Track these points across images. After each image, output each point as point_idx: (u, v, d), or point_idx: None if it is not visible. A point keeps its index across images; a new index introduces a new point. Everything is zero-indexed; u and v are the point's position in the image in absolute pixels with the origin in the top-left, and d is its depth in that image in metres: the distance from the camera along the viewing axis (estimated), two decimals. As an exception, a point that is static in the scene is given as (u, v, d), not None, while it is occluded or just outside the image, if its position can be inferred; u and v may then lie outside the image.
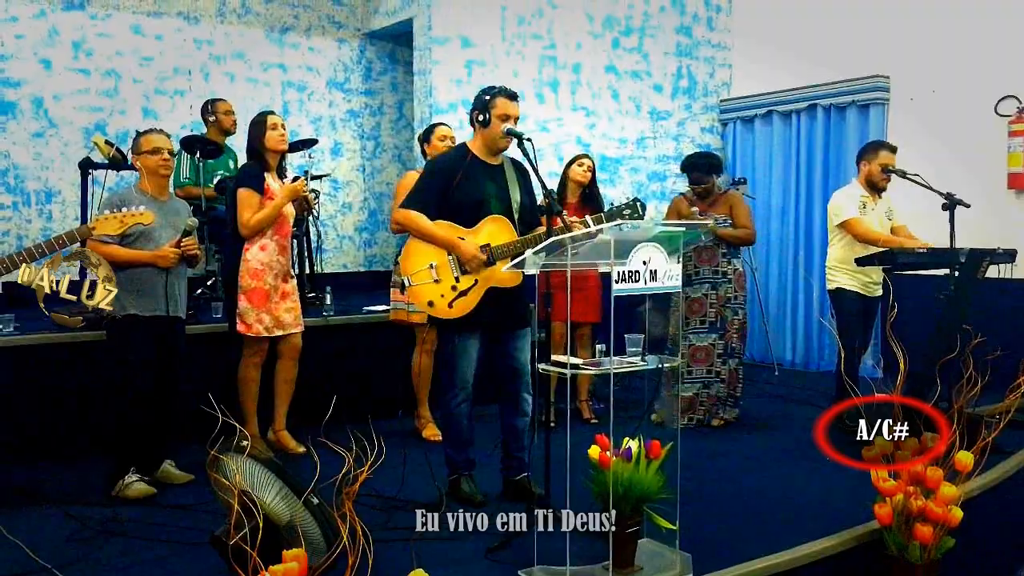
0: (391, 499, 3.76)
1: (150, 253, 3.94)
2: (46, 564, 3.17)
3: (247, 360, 4.52)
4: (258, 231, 4.45)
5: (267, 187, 4.46)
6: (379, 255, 8.21)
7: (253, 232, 4.44)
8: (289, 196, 4.46)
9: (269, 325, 4.48)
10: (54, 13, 6.62)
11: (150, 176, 4.04)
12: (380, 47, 8.15)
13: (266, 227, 4.45)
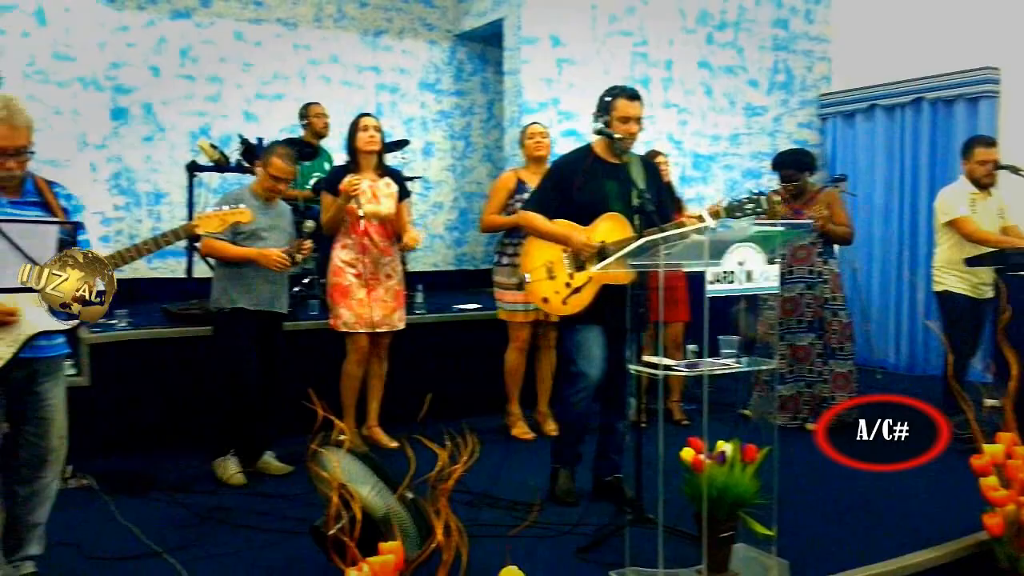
0: (484, 496, 3.79)
1: (255, 251, 4.10)
2: (156, 548, 3.33)
3: (349, 356, 4.66)
4: (331, 230, 4.59)
5: (342, 187, 4.55)
6: (469, 254, 8.29)
7: (327, 232, 4.62)
8: (343, 198, 4.51)
9: (349, 320, 4.57)
10: (162, 22, 6.91)
11: (266, 186, 4.21)
12: (471, 48, 8.22)
13: (337, 225, 4.56)
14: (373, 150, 4.64)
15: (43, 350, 2.82)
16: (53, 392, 2.89)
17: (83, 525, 3.52)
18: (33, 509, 2.92)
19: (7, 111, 2.68)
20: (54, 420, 2.89)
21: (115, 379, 4.74)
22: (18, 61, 5.40)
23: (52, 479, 2.94)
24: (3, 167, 2.70)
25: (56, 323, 2.77)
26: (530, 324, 4.95)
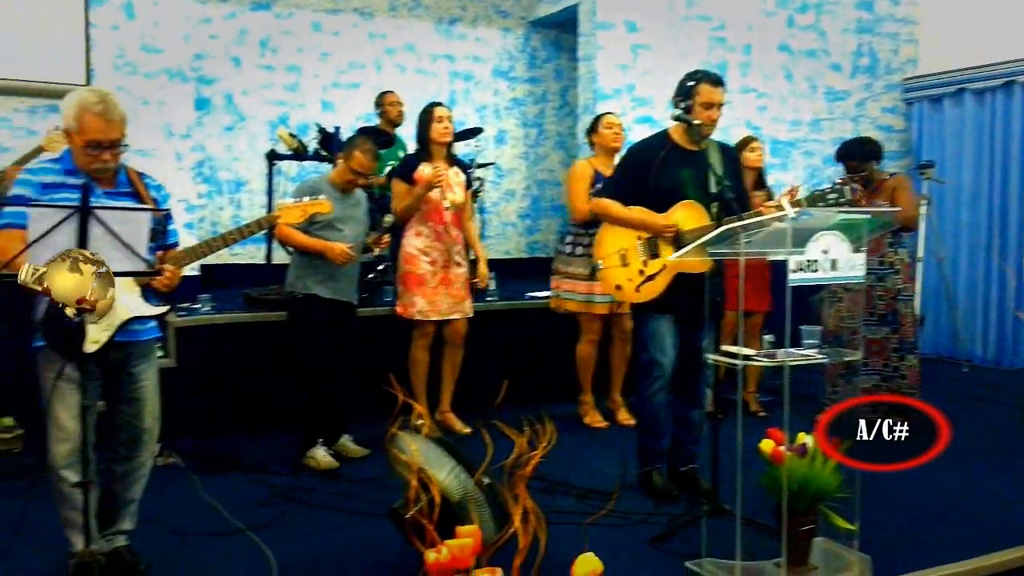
0: (558, 483, 3.80)
1: (322, 243, 4.15)
2: (241, 525, 3.43)
3: (416, 343, 4.72)
4: (405, 218, 4.62)
5: (417, 177, 4.59)
6: (541, 242, 8.28)
7: (401, 220, 4.65)
8: (425, 187, 4.55)
9: (424, 308, 4.62)
10: (243, 14, 7.06)
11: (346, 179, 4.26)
12: (544, 35, 8.19)
13: (413, 214, 4.59)
14: (446, 141, 4.68)
15: (137, 334, 2.93)
16: (146, 374, 3.00)
17: (170, 502, 3.64)
18: (129, 486, 3.04)
19: (103, 105, 2.77)
20: (148, 401, 3.00)
21: (199, 361, 4.88)
22: (108, 54, 5.58)
23: (147, 458, 3.06)
24: (99, 159, 2.79)
25: (148, 308, 2.88)
26: (601, 317, 4.92)
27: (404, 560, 2.87)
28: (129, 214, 2.53)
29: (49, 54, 5.40)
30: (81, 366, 2.64)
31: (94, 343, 2.70)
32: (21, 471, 4.14)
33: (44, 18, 5.38)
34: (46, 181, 2.80)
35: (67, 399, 2.74)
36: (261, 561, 3.12)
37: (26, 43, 5.33)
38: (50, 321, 2.71)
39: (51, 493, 2.90)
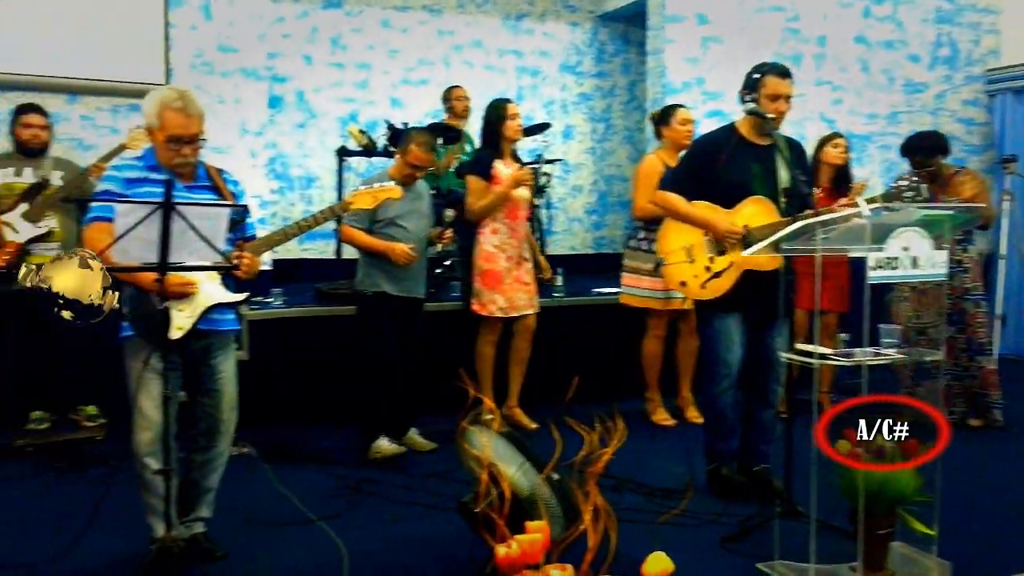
0: (625, 481, 3.77)
1: (384, 244, 4.18)
2: (311, 515, 3.50)
3: (483, 338, 4.75)
4: (483, 216, 4.61)
5: (495, 173, 4.60)
6: (608, 237, 8.23)
7: (478, 217, 4.64)
8: (512, 184, 4.55)
9: (503, 305, 4.63)
10: (315, 12, 7.17)
11: (404, 173, 4.29)
12: (612, 29, 8.13)
13: (492, 212, 4.59)
14: (519, 138, 4.71)
15: (217, 324, 3.01)
16: (225, 365, 3.09)
17: (243, 490, 3.72)
18: (207, 475, 3.13)
19: (182, 101, 2.86)
20: (226, 392, 3.09)
21: (271, 354, 4.98)
22: (186, 54, 5.74)
23: (225, 448, 3.15)
24: (179, 154, 2.88)
25: (230, 296, 2.96)
26: (668, 312, 4.87)
27: (472, 554, 2.89)
28: (208, 209, 2.60)
29: (130, 55, 5.58)
30: (164, 356, 2.72)
31: (179, 329, 2.79)
32: (103, 458, 4.29)
33: (126, 20, 5.55)
34: (130, 177, 2.90)
35: (151, 389, 2.83)
36: (332, 551, 3.17)
37: (109, 45, 5.51)
38: (137, 309, 2.81)
39: (133, 480, 3.00)
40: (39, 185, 4.65)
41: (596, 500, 2.18)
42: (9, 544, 3.26)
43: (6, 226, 4.54)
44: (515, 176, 4.55)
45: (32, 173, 4.69)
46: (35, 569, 3.05)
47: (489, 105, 4.76)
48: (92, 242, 2.72)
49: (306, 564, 3.15)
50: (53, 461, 4.30)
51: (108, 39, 5.51)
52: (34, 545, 3.24)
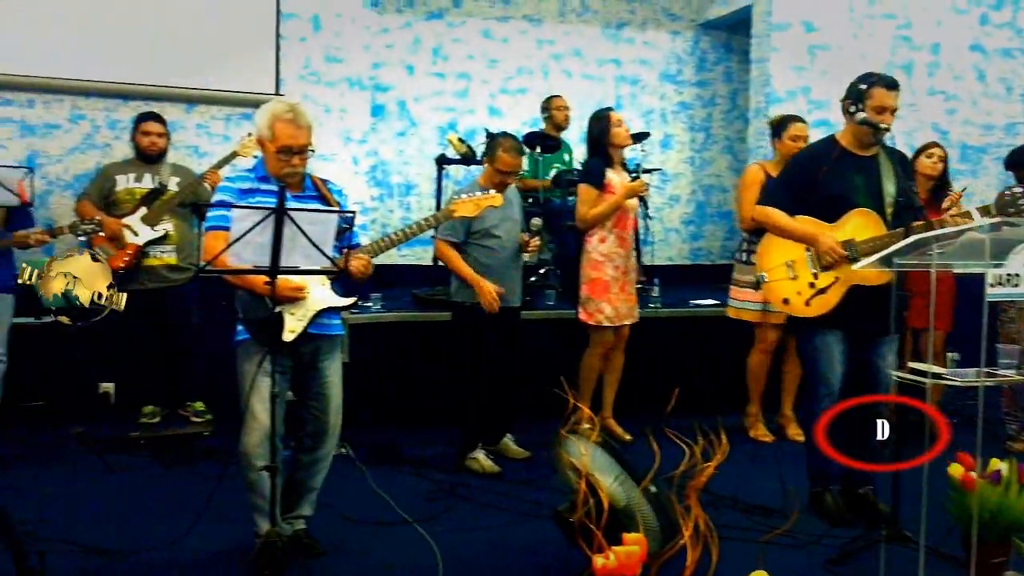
0: (723, 497, 3.70)
1: (477, 280, 4.16)
2: (407, 517, 3.55)
3: (592, 350, 4.70)
4: (594, 225, 4.60)
5: (607, 182, 4.58)
6: (706, 248, 8.11)
7: (589, 226, 4.61)
8: (627, 195, 4.53)
9: (610, 315, 4.61)
10: (418, 23, 7.32)
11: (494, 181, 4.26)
12: (715, 37, 8.02)
13: (603, 221, 4.58)
14: (627, 144, 4.68)
15: (326, 328, 3.11)
16: (332, 369, 3.18)
17: (341, 490, 3.79)
18: (312, 475, 3.22)
19: (293, 114, 2.97)
20: (332, 396, 3.18)
21: (370, 357, 5.09)
22: (296, 64, 5.93)
23: (330, 449, 3.24)
24: (289, 164, 2.98)
25: (339, 300, 3.05)
26: (777, 326, 4.76)
27: (566, 563, 2.88)
28: (318, 215, 2.68)
29: (243, 67, 5.79)
30: (276, 359, 2.81)
31: (291, 332, 2.89)
32: (210, 453, 4.47)
33: (240, 34, 5.77)
34: (242, 187, 3.02)
35: (263, 392, 2.93)
36: (427, 553, 3.21)
37: (224, 57, 5.73)
38: (250, 313, 2.92)
39: (240, 477, 3.10)
40: (157, 190, 4.88)
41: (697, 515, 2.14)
42: (126, 532, 3.42)
43: (127, 229, 4.77)
44: (631, 187, 4.52)
45: (151, 179, 4.93)
46: (150, 556, 3.19)
47: (592, 115, 4.75)
48: (209, 249, 2.85)
49: (402, 564, 3.20)
50: (163, 454, 4.49)
51: (223, 52, 5.74)
52: (148, 534, 3.39)
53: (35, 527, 3.19)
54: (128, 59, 5.50)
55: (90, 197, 4.90)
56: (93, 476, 4.14)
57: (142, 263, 4.80)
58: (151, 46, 5.56)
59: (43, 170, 5.32)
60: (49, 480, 4.03)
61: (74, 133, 5.49)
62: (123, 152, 5.35)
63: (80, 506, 3.73)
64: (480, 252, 4.25)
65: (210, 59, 5.71)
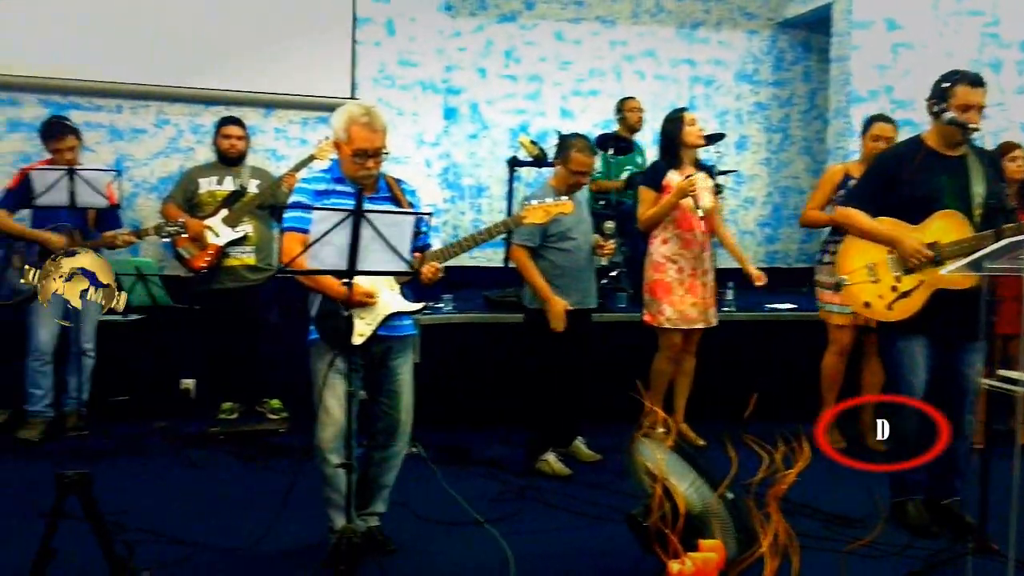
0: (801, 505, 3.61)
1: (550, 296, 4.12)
2: (478, 517, 3.56)
3: (662, 353, 4.65)
4: (651, 227, 4.55)
5: (666, 184, 4.52)
6: (782, 251, 7.95)
7: (646, 227, 4.59)
8: (678, 195, 4.45)
9: (672, 317, 4.55)
10: (490, 26, 7.35)
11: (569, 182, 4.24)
12: (793, 36, 7.86)
13: (659, 223, 4.53)
14: (700, 144, 4.60)
15: (397, 329, 3.15)
16: (403, 368, 3.22)
17: (413, 489, 3.82)
18: (384, 472, 3.26)
19: (368, 117, 3.00)
20: (404, 394, 3.21)
21: (441, 358, 5.13)
22: (371, 68, 6.02)
23: (402, 447, 3.27)
24: (364, 167, 3.02)
25: (406, 305, 3.09)
26: (853, 328, 4.63)
27: (639, 567, 2.85)
28: (395, 217, 2.70)
29: (320, 71, 5.91)
30: (348, 358, 2.86)
31: (360, 336, 2.93)
32: (286, 450, 4.56)
33: (316, 39, 5.89)
34: (318, 189, 3.08)
35: (335, 389, 2.99)
36: (498, 554, 3.21)
37: (301, 62, 5.86)
38: (322, 315, 2.98)
39: (314, 473, 3.16)
40: (237, 193, 5.01)
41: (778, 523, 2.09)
42: (206, 524, 3.52)
43: (208, 230, 4.91)
44: (680, 187, 4.46)
45: (232, 181, 5.07)
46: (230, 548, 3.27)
47: (666, 117, 4.70)
48: (287, 250, 2.91)
49: (472, 564, 3.22)
50: (241, 450, 4.60)
51: (300, 57, 5.86)
52: (228, 526, 3.48)
53: (121, 517, 3.30)
54: (210, 66, 5.67)
55: (174, 199, 5.06)
56: (175, 469, 4.27)
57: (222, 263, 4.93)
58: (232, 53, 5.73)
59: (129, 173, 5.51)
60: (134, 472, 4.17)
61: (159, 138, 5.68)
62: (205, 156, 5.51)
63: (163, 498, 3.85)
64: (556, 255, 4.22)
65: (288, 65, 5.84)
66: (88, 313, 4.74)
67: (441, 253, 3.17)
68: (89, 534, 2.62)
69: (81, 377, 4.67)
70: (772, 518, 2.11)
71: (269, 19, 5.77)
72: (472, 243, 3.32)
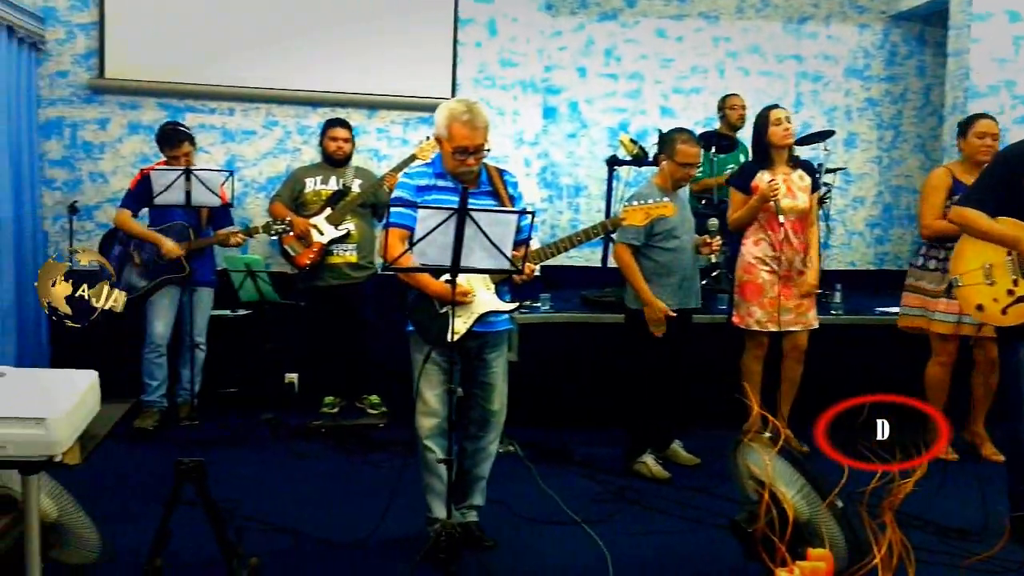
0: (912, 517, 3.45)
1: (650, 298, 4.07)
2: (575, 517, 3.55)
3: (748, 352, 4.57)
4: (738, 229, 4.49)
5: (755, 185, 4.41)
6: (892, 253, 7.63)
7: (734, 229, 4.53)
8: (760, 199, 4.32)
9: (761, 319, 4.43)
10: (591, 24, 7.30)
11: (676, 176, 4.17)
12: (907, 29, 7.53)
13: (745, 224, 4.44)
14: (787, 144, 4.45)
15: (492, 324, 3.18)
16: (497, 361, 3.24)
17: (509, 487, 3.83)
18: (478, 464, 3.29)
19: (470, 114, 3.03)
20: (497, 386, 3.23)
21: (539, 357, 5.12)
22: (471, 69, 6.07)
23: (494, 439, 3.29)
24: (465, 164, 3.05)
25: (502, 304, 3.12)
26: (957, 338, 4.41)
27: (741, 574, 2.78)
28: (499, 215, 2.71)
29: (422, 72, 5.99)
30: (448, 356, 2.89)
31: (455, 333, 2.96)
32: (385, 445, 4.64)
33: (418, 40, 5.97)
34: (420, 184, 3.12)
35: (432, 379, 3.06)
36: (595, 554, 3.20)
37: (403, 64, 5.95)
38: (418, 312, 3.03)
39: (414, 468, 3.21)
40: (341, 192, 5.13)
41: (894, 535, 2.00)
42: (310, 514, 3.61)
43: (313, 228, 5.04)
44: (761, 191, 4.33)
45: (336, 181, 5.19)
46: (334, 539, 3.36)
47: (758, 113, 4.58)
48: (389, 246, 2.96)
49: (569, 564, 3.20)
50: (342, 443, 4.70)
51: (403, 58, 5.95)
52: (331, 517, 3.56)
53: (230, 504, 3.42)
54: (317, 68, 5.82)
55: (281, 198, 5.22)
56: (280, 460, 4.40)
57: (325, 261, 5.06)
58: (337, 55, 5.86)
59: (240, 173, 5.71)
60: (242, 462, 4.31)
61: (268, 139, 5.86)
62: (311, 156, 5.67)
63: (269, 488, 3.97)
64: (661, 255, 4.15)
65: (390, 66, 5.94)
66: (201, 308, 4.95)
67: (539, 253, 3.18)
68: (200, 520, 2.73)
69: (193, 369, 4.86)
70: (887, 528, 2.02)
71: (373, 22, 5.89)
72: (570, 244, 3.32)
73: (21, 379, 2.25)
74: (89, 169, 5.65)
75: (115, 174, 5.63)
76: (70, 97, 5.60)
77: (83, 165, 5.64)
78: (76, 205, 5.33)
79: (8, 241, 4.89)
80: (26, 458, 2.05)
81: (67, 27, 5.56)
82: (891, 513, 2.06)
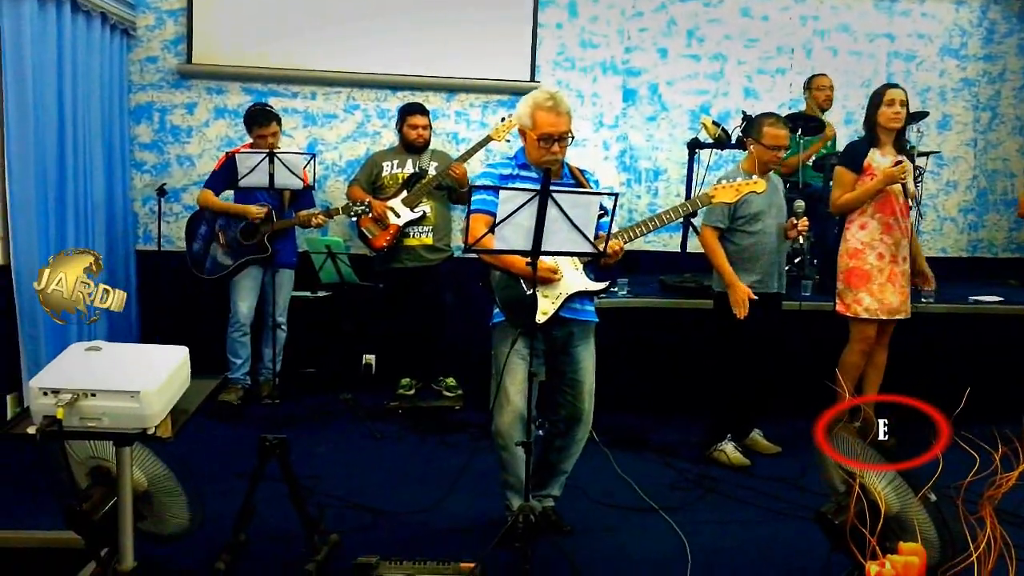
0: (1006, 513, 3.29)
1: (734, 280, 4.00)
2: (653, 504, 3.50)
3: (853, 346, 4.33)
4: (845, 211, 4.30)
5: (867, 165, 4.24)
6: (986, 240, 7.30)
7: (840, 212, 4.33)
8: (885, 182, 4.14)
9: (871, 306, 4.26)
10: (673, 5, 7.13)
11: (765, 159, 4.07)
12: (1006, 6, 7.17)
13: (856, 208, 4.26)
14: (896, 127, 4.26)
15: (579, 313, 3.13)
16: (585, 355, 3.18)
17: (586, 472, 3.78)
18: (564, 459, 3.27)
19: (553, 102, 3.00)
20: (586, 382, 3.18)
21: (616, 342, 5.06)
22: (551, 51, 6.03)
23: (583, 435, 3.25)
24: (549, 151, 3.02)
25: (591, 284, 3.07)
26: None
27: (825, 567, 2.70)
28: (580, 198, 2.67)
29: (501, 55, 5.97)
30: (530, 340, 2.87)
31: (543, 314, 2.94)
32: (461, 427, 4.67)
33: (498, 23, 5.94)
34: (503, 173, 3.11)
35: (515, 373, 3.03)
36: (673, 541, 3.16)
37: (482, 47, 5.94)
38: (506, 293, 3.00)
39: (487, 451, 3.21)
40: (417, 175, 5.15)
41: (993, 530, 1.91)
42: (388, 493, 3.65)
43: (390, 210, 5.08)
44: (888, 173, 4.14)
45: (412, 164, 5.22)
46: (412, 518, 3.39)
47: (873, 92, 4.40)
48: (472, 231, 2.95)
49: (647, 551, 3.17)
50: (418, 424, 4.75)
51: (482, 41, 5.94)
52: (408, 497, 3.60)
53: (310, 481, 3.48)
54: (396, 52, 5.85)
55: (359, 182, 5.27)
56: (357, 440, 4.46)
57: (402, 243, 5.09)
58: (416, 39, 5.87)
59: (321, 156, 5.79)
60: (321, 441, 4.39)
61: (348, 122, 5.93)
62: (390, 139, 5.71)
63: (347, 467, 4.03)
64: (744, 238, 4.07)
65: (470, 49, 5.93)
66: (282, 289, 5.05)
67: (626, 232, 3.12)
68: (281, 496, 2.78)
69: (275, 349, 4.96)
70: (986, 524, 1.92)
71: (453, 5, 5.88)
72: (658, 223, 3.25)
73: (116, 353, 2.31)
74: (176, 152, 5.80)
75: (201, 157, 5.78)
76: (159, 82, 5.76)
77: (171, 149, 5.80)
78: (164, 187, 5.49)
79: (101, 222, 5.07)
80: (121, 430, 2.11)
81: (157, 13, 5.71)
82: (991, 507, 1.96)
